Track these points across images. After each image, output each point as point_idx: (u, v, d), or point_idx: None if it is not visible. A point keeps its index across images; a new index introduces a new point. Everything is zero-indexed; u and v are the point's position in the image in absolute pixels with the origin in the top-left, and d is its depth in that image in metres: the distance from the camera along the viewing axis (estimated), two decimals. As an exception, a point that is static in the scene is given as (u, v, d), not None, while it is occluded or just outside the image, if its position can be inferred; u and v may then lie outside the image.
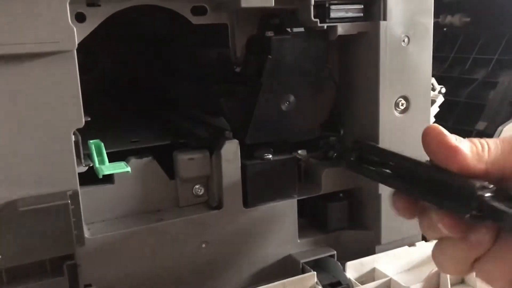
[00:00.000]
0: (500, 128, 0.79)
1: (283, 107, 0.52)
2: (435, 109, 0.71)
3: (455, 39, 1.03)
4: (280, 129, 0.53)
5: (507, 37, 0.90)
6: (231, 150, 0.51)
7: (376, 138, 0.54)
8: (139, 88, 0.83)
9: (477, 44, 0.96)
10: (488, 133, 0.80)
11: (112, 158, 0.48)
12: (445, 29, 1.07)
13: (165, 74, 0.73)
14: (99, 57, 0.88)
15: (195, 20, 0.51)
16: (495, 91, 0.85)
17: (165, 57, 0.74)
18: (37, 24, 0.39)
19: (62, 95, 0.42)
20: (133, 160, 0.50)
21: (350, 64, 0.57)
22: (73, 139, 0.44)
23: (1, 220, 0.41)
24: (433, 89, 0.73)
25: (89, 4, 0.45)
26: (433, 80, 0.73)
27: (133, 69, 0.87)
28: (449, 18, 1.06)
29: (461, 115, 0.88)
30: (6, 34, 0.38)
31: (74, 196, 0.44)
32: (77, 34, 0.41)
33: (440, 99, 0.71)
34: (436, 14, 1.11)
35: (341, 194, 0.59)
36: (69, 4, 0.40)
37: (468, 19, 1.02)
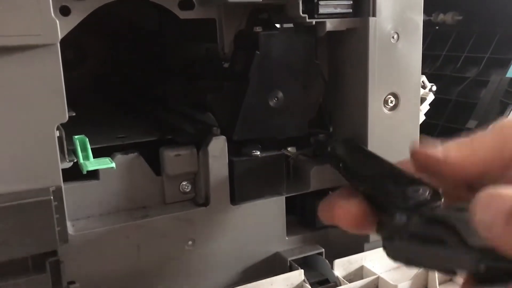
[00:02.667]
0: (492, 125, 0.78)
1: (271, 104, 0.52)
2: (425, 107, 0.71)
3: (447, 37, 1.02)
4: (268, 126, 0.52)
5: (499, 36, 0.90)
6: (218, 146, 0.51)
7: (364, 135, 0.54)
8: (126, 83, 0.83)
9: (469, 42, 0.96)
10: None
11: (98, 154, 0.47)
12: (437, 27, 1.07)
13: (153, 69, 0.73)
14: (86, 52, 0.87)
15: (183, 14, 0.51)
16: (486, 89, 0.85)
17: (153, 52, 0.73)
18: (19, 17, 0.39)
19: (45, 89, 0.41)
20: (119, 156, 0.49)
21: (339, 61, 0.57)
22: (57, 134, 0.43)
23: (-18, 216, 0.40)
24: (424, 87, 0.73)
25: (74, -3, 0.45)
26: (424, 78, 0.73)
27: (120, 64, 0.87)
28: (441, 16, 1.05)
29: (452, 113, 0.88)
30: (-13, 26, 0.38)
31: (57, 192, 0.43)
32: (61, 27, 0.41)
33: (431, 97, 0.71)
34: (429, 12, 1.11)
35: (330, 192, 0.58)
36: (52, -4, 0.40)
37: (460, 17, 1.02)
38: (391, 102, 0.55)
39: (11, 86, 0.40)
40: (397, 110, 0.55)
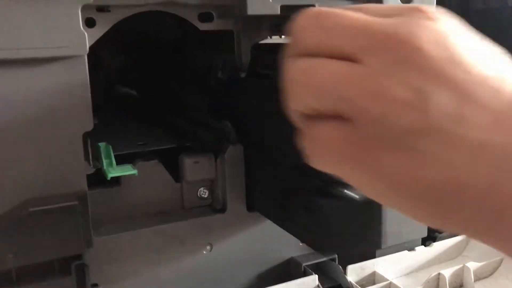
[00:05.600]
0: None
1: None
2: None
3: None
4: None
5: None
6: (235, 154, 0.52)
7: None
8: (144, 91, 0.85)
9: None
10: None
11: (119, 160, 0.49)
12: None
13: (171, 78, 0.75)
14: (105, 59, 0.89)
15: (202, 26, 0.52)
16: None
17: (171, 60, 0.75)
18: (49, 29, 0.40)
19: (73, 99, 0.43)
20: (140, 163, 0.51)
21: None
22: (82, 142, 0.45)
23: (12, 220, 0.42)
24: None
25: (99, 10, 0.47)
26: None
27: (138, 72, 0.89)
28: None
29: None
30: (19, 39, 0.40)
31: (83, 197, 0.45)
32: (87, 39, 0.43)
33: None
34: None
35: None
36: (81, 8, 0.42)
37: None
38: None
39: (40, 96, 0.42)
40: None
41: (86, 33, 0.42)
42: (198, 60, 0.67)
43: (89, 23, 0.46)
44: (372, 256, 0.59)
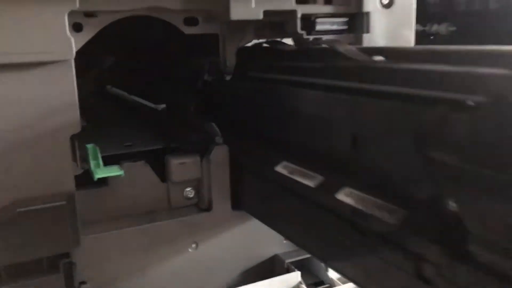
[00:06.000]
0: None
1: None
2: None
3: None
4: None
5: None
6: (220, 155, 0.54)
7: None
8: (131, 91, 0.86)
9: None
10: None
11: (107, 161, 0.50)
12: (432, 37, 1.10)
13: (158, 78, 0.76)
14: (94, 60, 0.90)
15: (187, 30, 0.54)
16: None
17: (158, 62, 0.76)
18: (37, 35, 0.42)
19: (60, 102, 0.44)
20: (126, 164, 0.52)
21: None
22: (70, 144, 0.46)
23: (1, 220, 0.43)
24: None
25: (87, 15, 0.48)
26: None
27: (126, 72, 0.90)
28: (435, 27, 1.09)
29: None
30: (7, 44, 0.41)
31: (70, 197, 0.46)
32: (74, 43, 0.44)
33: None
34: (424, 23, 1.14)
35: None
36: (68, 14, 0.43)
37: (454, 29, 1.05)
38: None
39: (29, 100, 0.43)
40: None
41: (73, 38, 0.43)
42: (185, 62, 0.69)
43: (77, 27, 0.48)
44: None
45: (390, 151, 0.34)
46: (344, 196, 0.36)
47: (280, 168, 0.44)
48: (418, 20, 0.97)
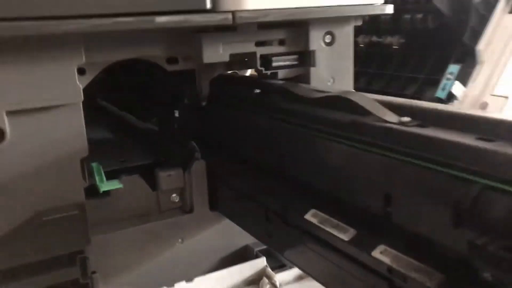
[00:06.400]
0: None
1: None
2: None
3: (394, 57, 1.20)
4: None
5: (432, 60, 1.08)
6: (199, 168, 0.67)
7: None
8: (123, 107, 0.99)
9: (410, 63, 1.14)
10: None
11: (106, 175, 0.64)
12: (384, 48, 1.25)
13: (147, 99, 0.89)
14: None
15: (169, 67, 0.67)
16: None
17: (146, 86, 0.89)
18: (54, 85, 0.54)
19: (72, 134, 0.57)
20: (124, 178, 0.66)
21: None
22: (80, 165, 0.59)
23: (30, 226, 0.56)
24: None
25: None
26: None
27: (114, 87, 1.02)
28: (389, 39, 1.23)
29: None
30: (31, 93, 0.53)
31: (82, 207, 0.59)
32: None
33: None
34: (379, 35, 1.29)
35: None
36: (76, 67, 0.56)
37: (403, 41, 1.20)
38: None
39: (48, 133, 0.56)
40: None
41: (81, 86, 0.56)
42: (168, 86, 0.82)
43: (80, 71, 0.60)
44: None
45: (425, 216, 0.35)
46: (379, 254, 0.37)
47: (309, 217, 0.46)
48: (375, 33, 1.13)
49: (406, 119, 0.40)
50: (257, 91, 0.64)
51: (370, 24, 1.20)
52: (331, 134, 0.46)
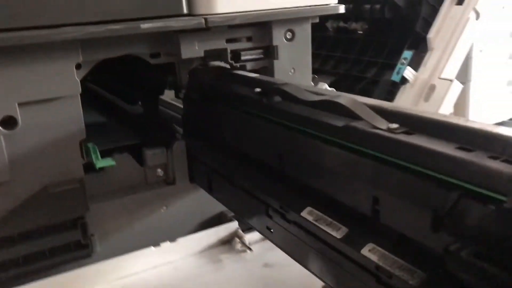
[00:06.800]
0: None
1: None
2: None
3: (358, 42, 1.32)
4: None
5: (390, 44, 1.20)
6: (180, 147, 0.79)
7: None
8: (112, 91, 1.09)
9: (371, 48, 1.26)
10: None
11: (101, 154, 0.75)
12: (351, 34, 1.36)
13: (132, 86, 1.00)
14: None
15: (152, 61, 0.78)
16: (377, 88, 1.16)
17: (131, 75, 0.99)
18: (57, 80, 0.66)
19: (72, 121, 0.69)
20: (116, 156, 0.77)
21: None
22: (79, 146, 0.71)
23: (39, 197, 0.68)
24: (327, 92, 1.02)
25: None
26: (326, 85, 1.02)
27: (106, 73, 1.13)
28: (354, 25, 1.35)
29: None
30: (39, 87, 0.65)
31: (82, 181, 0.71)
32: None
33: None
34: (346, 21, 1.40)
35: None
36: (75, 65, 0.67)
37: (366, 26, 1.31)
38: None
39: (52, 120, 0.67)
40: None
41: (79, 81, 0.67)
42: (153, 75, 0.93)
43: (77, 67, 0.71)
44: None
45: (408, 219, 0.37)
46: (368, 252, 0.40)
47: (305, 214, 0.50)
48: (341, 19, 1.24)
49: (394, 125, 0.42)
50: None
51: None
52: (324, 137, 0.48)
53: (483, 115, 2.67)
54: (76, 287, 0.70)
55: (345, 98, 0.47)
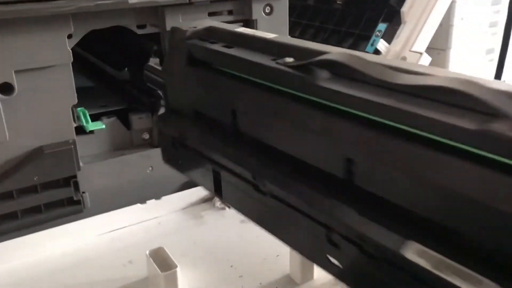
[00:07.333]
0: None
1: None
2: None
3: (336, 13, 1.37)
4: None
5: (366, 17, 1.26)
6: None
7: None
8: (100, 57, 1.14)
9: (348, 19, 1.31)
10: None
11: (91, 118, 0.81)
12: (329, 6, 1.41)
13: (119, 52, 1.05)
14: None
15: (139, 31, 0.83)
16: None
17: (119, 43, 1.04)
18: (52, 50, 0.71)
19: (64, 87, 0.74)
20: (105, 120, 0.84)
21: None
22: (71, 110, 0.77)
23: (35, 157, 0.74)
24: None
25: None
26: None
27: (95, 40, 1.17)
28: (334, -5, 1.39)
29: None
30: (36, 55, 0.70)
31: (74, 143, 0.78)
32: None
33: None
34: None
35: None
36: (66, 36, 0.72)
37: (345, -2, 1.36)
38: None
39: (46, 87, 0.73)
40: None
41: (70, 51, 0.73)
42: (138, 42, 0.98)
43: (68, 36, 0.76)
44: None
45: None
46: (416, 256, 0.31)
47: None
48: None
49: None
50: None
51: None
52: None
53: (459, 83, 2.75)
54: (70, 239, 0.77)
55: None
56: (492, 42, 2.70)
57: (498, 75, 2.51)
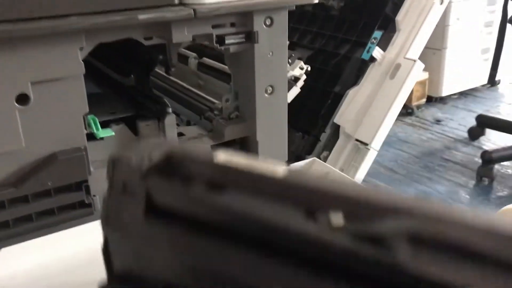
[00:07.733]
0: (348, 91, 1.21)
1: (200, 94, 0.91)
2: (300, 83, 1.11)
3: (333, 19, 1.42)
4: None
5: (362, 23, 1.30)
6: (170, 120, 0.90)
7: (253, 112, 0.95)
8: (108, 64, 1.18)
9: (345, 25, 1.36)
10: (340, 94, 1.22)
11: (101, 125, 0.86)
12: (329, 12, 1.45)
13: (127, 59, 1.09)
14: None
15: (146, 42, 0.87)
16: (349, 64, 1.27)
17: (127, 53, 1.08)
18: (65, 62, 0.75)
19: (77, 97, 0.79)
20: (114, 127, 0.88)
21: (240, 67, 0.96)
22: (83, 118, 0.81)
23: (49, 163, 0.79)
24: (302, 68, 1.13)
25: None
26: (302, 63, 1.13)
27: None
28: (331, 2, 1.44)
29: (327, 80, 1.29)
30: (51, 67, 0.74)
31: (85, 149, 0.82)
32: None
33: (304, 76, 1.11)
34: (325, -1, 1.49)
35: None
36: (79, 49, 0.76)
37: (342, 4, 1.41)
38: (269, 90, 0.95)
39: (59, 96, 0.77)
40: (273, 95, 0.96)
41: (83, 63, 0.77)
42: (145, 52, 1.02)
43: (80, 49, 0.81)
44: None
45: None
46: None
47: None
48: None
49: None
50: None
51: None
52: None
53: (457, 81, 2.81)
54: (82, 240, 0.81)
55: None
56: (487, 42, 2.76)
57: (492, 74, 2.56)
